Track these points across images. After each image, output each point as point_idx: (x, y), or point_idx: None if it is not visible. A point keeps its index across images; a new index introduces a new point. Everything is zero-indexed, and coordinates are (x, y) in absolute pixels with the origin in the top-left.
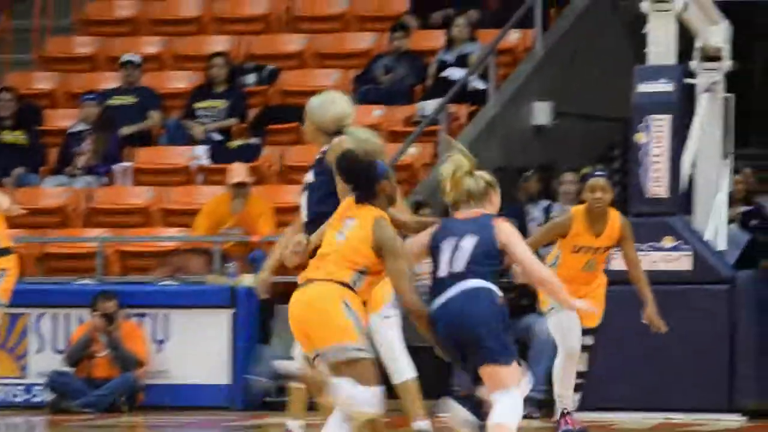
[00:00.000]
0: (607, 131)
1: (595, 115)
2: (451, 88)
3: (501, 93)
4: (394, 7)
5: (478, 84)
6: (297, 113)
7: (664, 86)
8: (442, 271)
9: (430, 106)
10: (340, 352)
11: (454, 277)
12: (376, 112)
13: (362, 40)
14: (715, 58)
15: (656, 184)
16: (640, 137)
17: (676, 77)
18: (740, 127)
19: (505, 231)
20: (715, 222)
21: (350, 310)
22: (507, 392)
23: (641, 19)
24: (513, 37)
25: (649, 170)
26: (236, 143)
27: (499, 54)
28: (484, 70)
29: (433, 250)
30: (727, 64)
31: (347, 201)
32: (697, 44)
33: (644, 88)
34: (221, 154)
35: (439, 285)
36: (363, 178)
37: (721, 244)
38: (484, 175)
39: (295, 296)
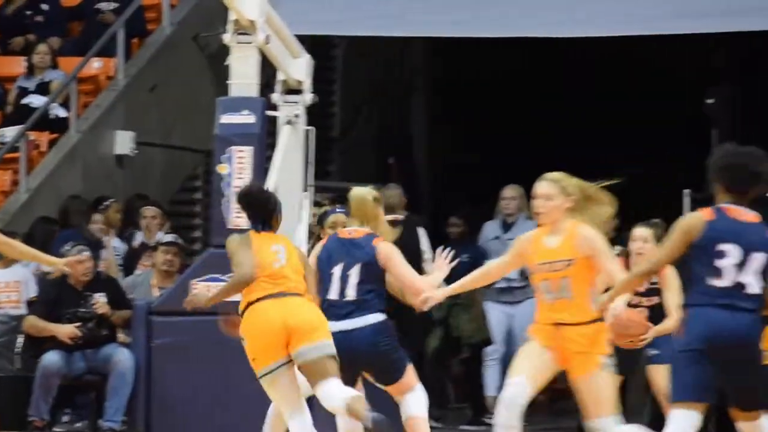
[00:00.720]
0: (189, 162)
1: (178, 145)
2: (32, 116)
3: (83, 121)
4: None
5: (59, 112)
6: None
7: (246, 118)
8: None
9: (10, 132)
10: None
11: None
12: None
13: None
14: (297, 91)
15: (238, 215)
16: (223, 168)
17: (258, 109)
18: (321, 160)
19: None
20: None
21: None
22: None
23: (224, 51)
24: (95, 65)
25: (231, 201)
26: None
27: (81, 82)
28: (66, 97)
29: None
30: (308, 97)
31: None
32: (279, 77)
33: (226, 119)
34: None
35: None
36: (267, 210)
37: None
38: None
39: (275, 306)
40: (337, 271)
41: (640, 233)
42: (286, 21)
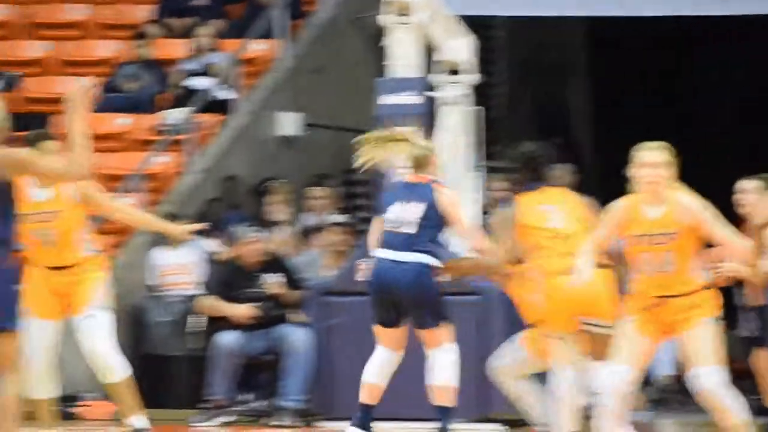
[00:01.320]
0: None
1: (342, 126)
2: (196, 98)
3: (248, 103)
4: (137, 15)
5: (223, 94)
6: (40, 120)
7: (407, 98)
8: None
9: (175, 115)
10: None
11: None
12: (121, 120)
13: (105, 48)
14: (458, 71)
15: None
16: None
17: (419, 90)
18: (488, 141)
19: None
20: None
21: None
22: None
23: (383, 32)
24: (257, 47)
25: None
26: None
27: (244, 64)
28: (230, 79)
29: None
30: (469, 77)
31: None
32: (440, 57)
33: (387, 100)
34: None
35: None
36: (542, 167)
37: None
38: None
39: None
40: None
41: (742, 185)
42: (446, 2)
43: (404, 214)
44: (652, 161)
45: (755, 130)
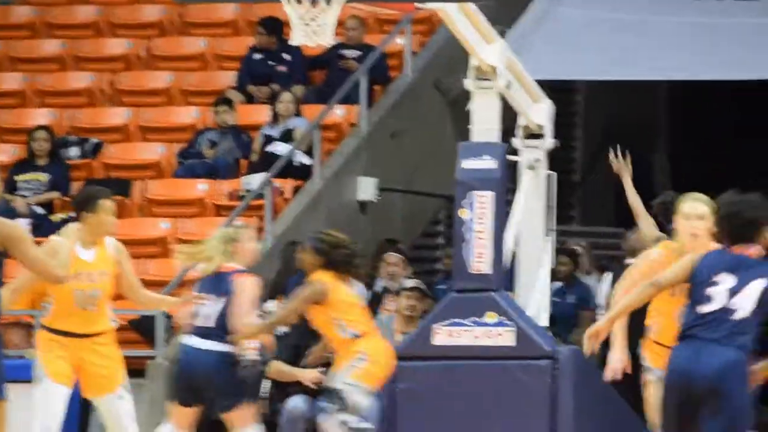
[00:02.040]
0: (431, 207)
1: (419, 191)
2: (276, 163)
3: (326, 168)
4: (218, 82)
5: (303, 159)
6: (121, 187)
7: (487, 163)
8: None
9: (255, 180)
10: None
11: None
12: (201, 186)
13: (186, 114)
14: (537, 135)
15: (479, 260)
16: (464, 213)
17: (499, 154)
18: (562, 204)
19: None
20: (536, 298)
21: None
22: None
23: (464, 97)
24: (338, 113)
25: (472, 246)
26: (59, 217)
27: (324, 129)
28: (310, 145)
29: None
30: (548, 141)
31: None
32: (520, 122)
33: (468, 164)
34: (44, 227)
35: None
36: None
37: (543, 320)
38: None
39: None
40: None
41: None
42: (527, 66)
43: (207, 305)
44: (697, 213)
45: None
